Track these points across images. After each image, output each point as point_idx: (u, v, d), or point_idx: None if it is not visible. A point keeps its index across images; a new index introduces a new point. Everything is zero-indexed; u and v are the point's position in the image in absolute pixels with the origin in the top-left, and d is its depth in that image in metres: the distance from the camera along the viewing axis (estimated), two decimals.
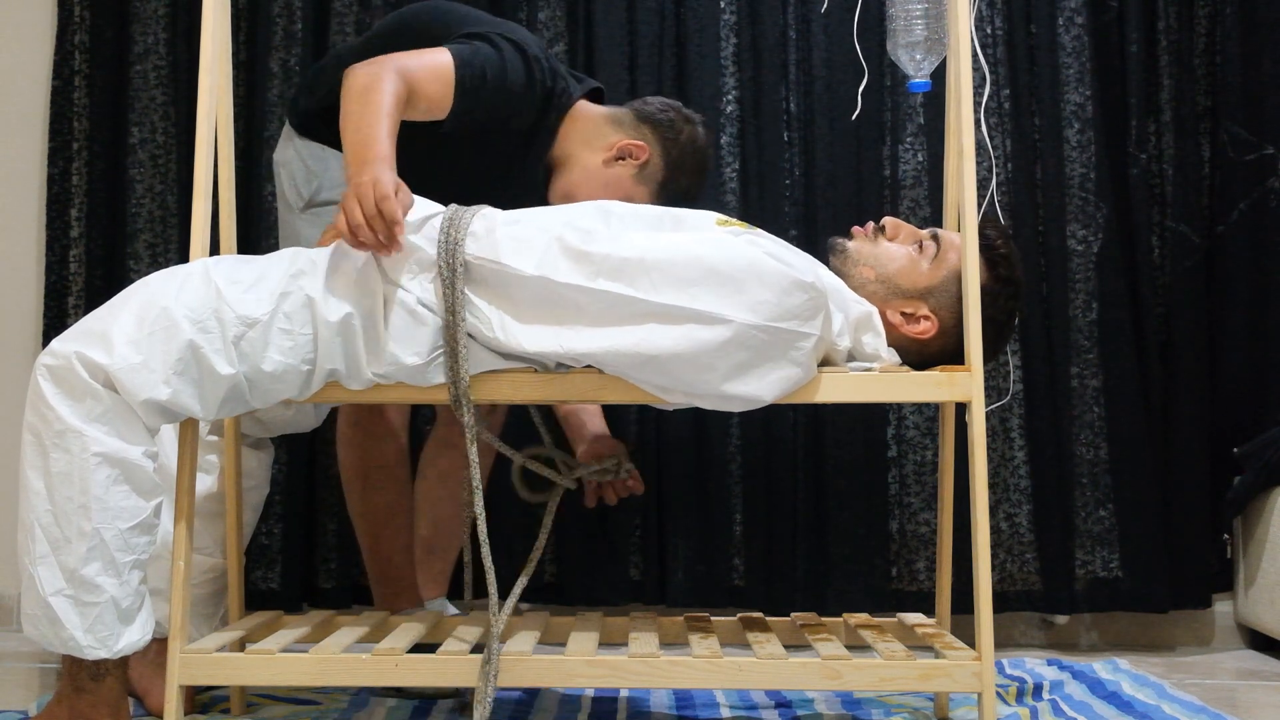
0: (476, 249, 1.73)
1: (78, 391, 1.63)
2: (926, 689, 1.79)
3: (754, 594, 2.61)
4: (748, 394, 1.70)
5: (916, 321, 1.88)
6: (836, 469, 2.61)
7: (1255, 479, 2.55)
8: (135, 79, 2.75)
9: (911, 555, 2.64)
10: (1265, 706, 2.14)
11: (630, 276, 1.69)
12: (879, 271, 1.89)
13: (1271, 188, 2.66)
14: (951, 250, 1.88)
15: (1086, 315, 2.64)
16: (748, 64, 2.69)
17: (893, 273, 1.89)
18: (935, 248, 1.89)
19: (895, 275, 1.89)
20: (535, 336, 1.71)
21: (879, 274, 1.89)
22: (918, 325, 1.88)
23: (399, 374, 1.73)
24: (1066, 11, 2.68)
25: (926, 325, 1.87)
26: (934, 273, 1.88)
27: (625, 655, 1.73)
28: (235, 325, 1.67)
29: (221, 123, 1.89)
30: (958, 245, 1.86)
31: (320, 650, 1.76)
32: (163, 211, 2.74)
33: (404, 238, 1.72)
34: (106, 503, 1.63)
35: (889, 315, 1.88)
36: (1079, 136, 2.67)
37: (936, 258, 1.88)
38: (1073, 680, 2.22)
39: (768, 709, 2.05)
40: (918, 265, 1.89)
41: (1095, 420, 2.62)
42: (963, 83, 1.82)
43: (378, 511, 2.23)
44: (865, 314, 1.84)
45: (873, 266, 1.90)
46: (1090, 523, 2.61)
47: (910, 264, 1.89)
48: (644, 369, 1.69)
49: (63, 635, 1.63)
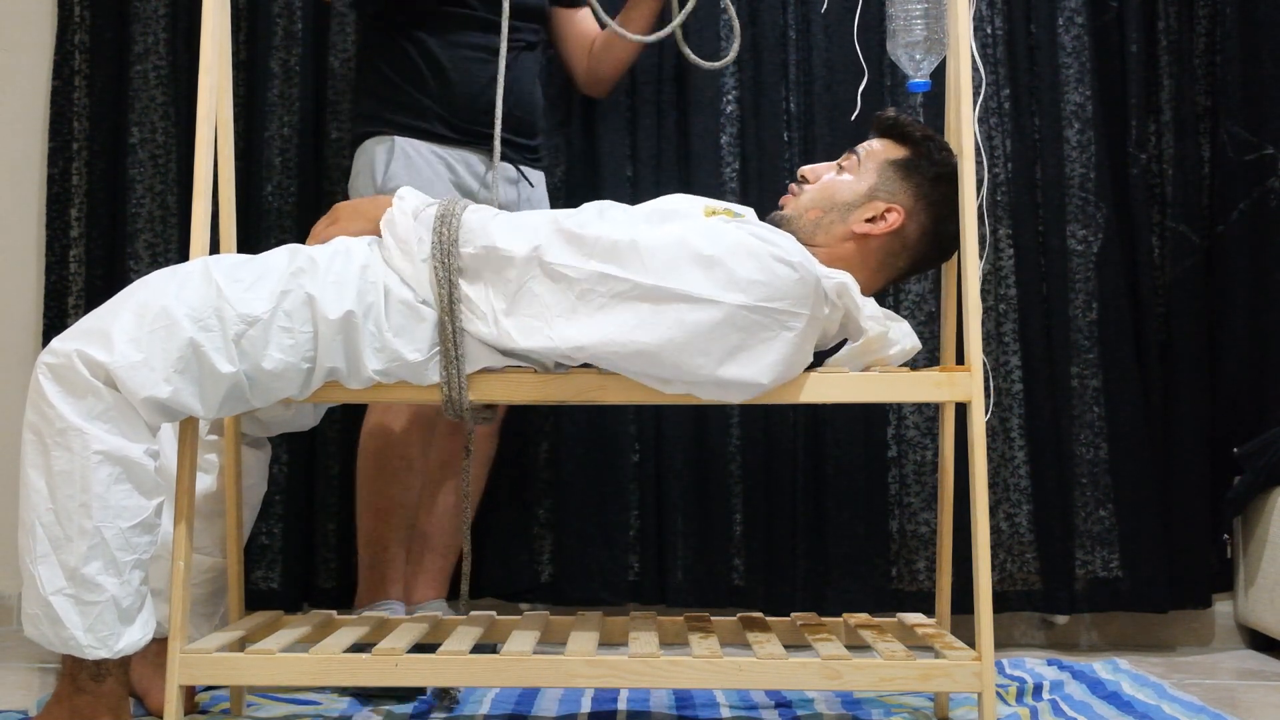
0: (471, 240, 1.74)
1: (79, 389, 1.63)
2: (926, 689, 1.79)
3: (754, 594, 2.61)
4: (744, 378, 1.70)
5: (883, 218, 1.90)
6: (836, 469, 2.61)
7: (1255, 479, 2.55)
8: (135, 79, 2.75)
9: (911, 555, 2.64)
10: (1265, 706, 2.14)
11: (621, 258, 1.70)
12: (822, 206, 1.92)
13: (1271, 188, 2.66)
14: (868, 154, 1.95)
15: (1086, 315, 2.64)
16: (748, 64, 2.69)
17: (833, 196, 1.93)
18: (854, 157, 1.95)
19: (837, 196, 1.92)
20: (526, 330, 1.72)
21: (823, 207, 1.92)
22: (885, 220, 1.90)
23: (400, 371, 1.73)
24: (1066, 11, 2.68)
25: (893, 216, 1.90)
26: (865, 174, 1.93)
27: (625, 655, 1.73)
28: (236, 323, 1.67)
29: (221, 123, 1.89)
30: (871, 143, 1.96)
31: (320, 650, 1.76)
32: (163, 211, 2.74)
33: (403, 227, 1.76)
34: (107, 501, 1.63)
35: (856, 229, 1.90)
36: (1079, 136, 2.67)
37: (860, 163, 1.94)
38: (1073, 680, 2.22)
39: (768, 709, 2.05)
40: (848, 180, 1.94)
41: (1095, 420, 2.62)
42: (962, 83, 1.83)
43: (389, 502, 2.26)
44: (840, 284, 1.82)
45: (815, 207, 1.93)
46: (1090, 523, 2.61)
47: (842, 183, 1.94)
48: (637, 359, 1.70)
49: (63, 635, 1.63)
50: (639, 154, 2.69)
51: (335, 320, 1.70)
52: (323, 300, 1.70)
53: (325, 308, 1.70)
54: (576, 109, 2.70)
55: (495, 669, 1.72)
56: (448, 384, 1.73)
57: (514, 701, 2.07)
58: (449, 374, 1.73)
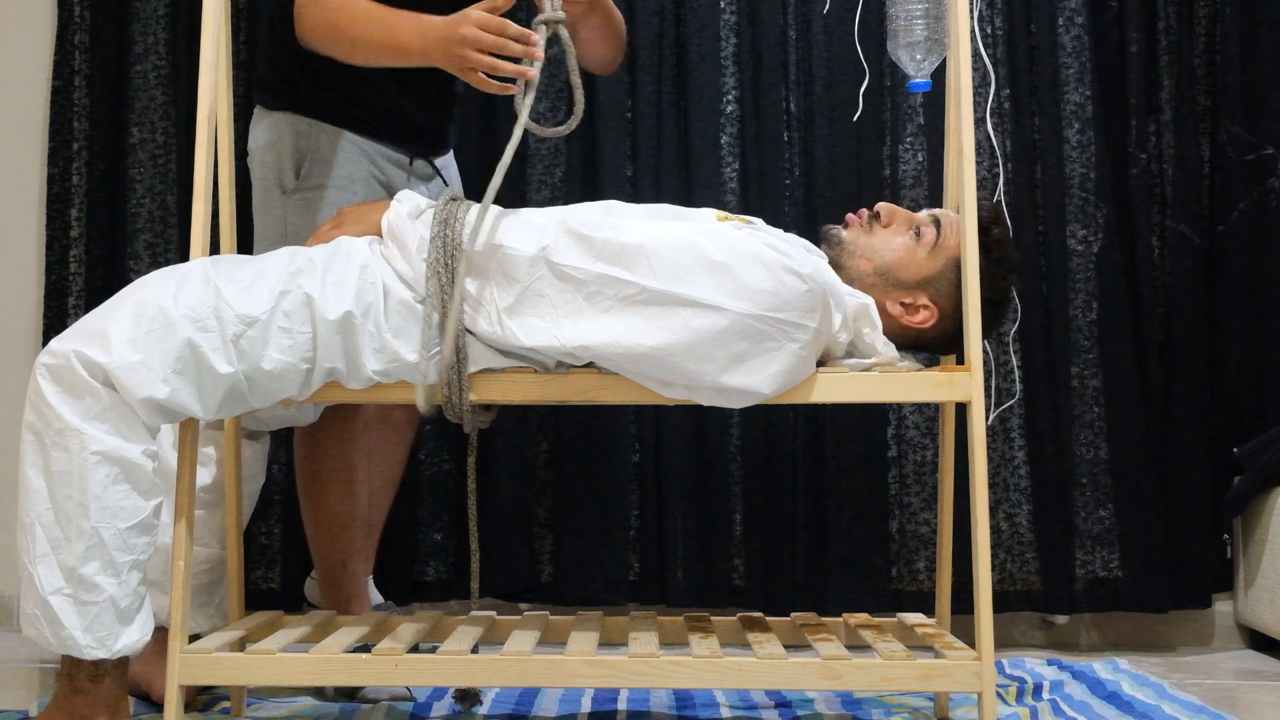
0: (474, 237, 1.73)
1: (77, 390, 1.63)
2: (926, 689, 1.79)
3: (754, 594, 2.61)
4: (746, 386, 1.70)
5: (916, 311, 1.87)
6: (836, 469, 2.61)
7: (1255, 479, 2.55)
8: (135, 79, 2.75)
9: (911, 555, 2.64)
10: (1265, 706, 2.14)
11: (630, 261, 1.69)
12: (876, 264, 1.87)
13: (1271, 188, 2.66)
14: (950, 235, 1.86)
15: (1086, 315, 2.64)
16: (748, 64, 2.69)
17: (890, 264, 1.87)
18: (935, 234, 1.87)
19: (893, 267, 1.87)
20: (531, 330, 1.71)
21: (876, 266, 1.87)
22: (917, 315, 1.87)
23: (399, 371, 1.73)
24: (1066, 11, 2.68)
25: (926, 315, 1.87)
26: (932, 261, 1.86)
27: (625, 655, 1.73)
28: (234, 324, 1.67)
29: (221, 123, 1.89)
30: (956, 228, 1.85)
31: (320, 650, 1.76)
32: (163, 211, 2.74)
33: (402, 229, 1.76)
34: (105, 501, 1.62)
35: (888, 306, 1.86)
36: (1079, 136, 2.67)
37: (936, 245, 1.86)
38: (1073, 680, 2.22)
39: (768, 709, 2.05)
40: (915, 255, 1.87)
41: (1095, 420, 2.62)
42: (963, 83, 1.82)
43: (336, 516, 2.19)
44: (862, 306, 1.82)
45: (869, 259, 1.88)
46: (1090, 523, 2.61)
47: (908, 254, 1.87)
48: (641, 361, 1.69)
49: (61, 635, 1.63)
50: (639, 154, 2.69)
51: (334, 321, 1.70)
52: (321, 301, 1.70)
53: (324, 308, 1.70)
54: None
55: (495, 669, 1.72)
56: (448, 385, 1.73)
57: (514, 701, 2.07)
58: (450, 375, 1.72)
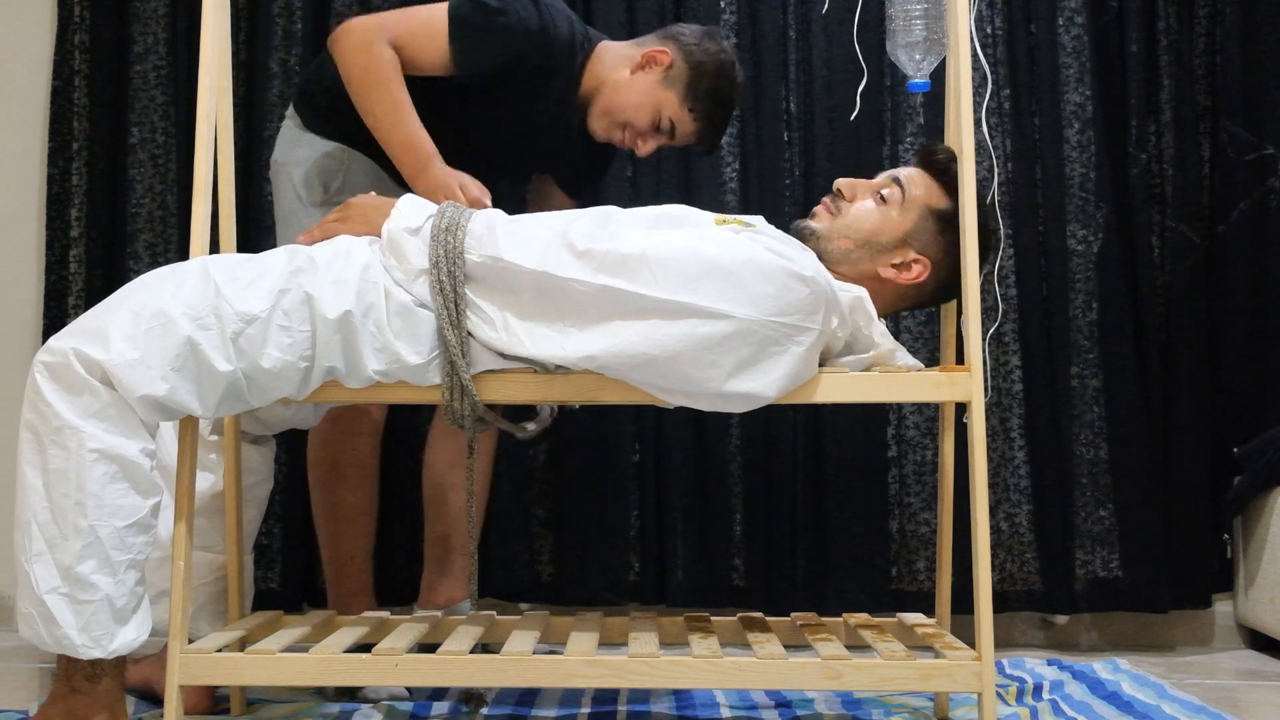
0: (477, 248, 1.73)
1: (75, 387, 1.62)
2: (926, 689, 1.79)
3: (754, 594, 2.61)
4: (751, 391, 1.70)
5: (909, 268, 1.90)
6: (836, 469, 2.61)
7: (1255, 479, 2.55)
8: (135, 79, 2.75)
9: (911, 555, 2.64)
10: (1265, 706, 2.14)
11: (632, 272, 1.69)
12: (855, 238, 1.90)
13: (1271, 188, 2.66)
14: (914, 186, 1.91)
15: (1086, 315, 2.64)
16: (748, 64, 2.69)
17: (869, 232, 1.90)
18: (899, 191, 1.91)
19: (873, 234, 1.90)
20: (537, 338, 1.71)
21: (856, 240, 1.90)
22: (911, 271, 1.90)
23: (400, 372, 1.73)
24: (1066, 11, 2.68)
25: (919, 269, 1.90)
26: (906, 216, 1.90)
27: (625, 655, 1.73)
28: (234, 322, 1.67)
29: (221, 123, 1.89)
30: (917, 179, 1.92)
31: (320, 650, 1.76)
32: (163, 211, 2.74)
33: (401, 241, 1.75)
34: (103, 500, 1.62)
35: (881, 273, 1.89)
36: (1079, 136, 2.67)
37: (904, 201, 1.91)
38: (1073, 680, 2.22)
39: (768, 709, 2.05)
40: (889, 215, 1.91)
41: (1095, 420, 2.62)
42: (963, 83, 1.82)
43: (346, 509, 2.24)
44: (856, 300, 1.83)
45: (848, 236, 1.91)
46: (1090, 523, 2.61)
47: (882, 218, 1.91)
48: (645, 370, 1.69)
49: (57, 634, 1.62)
50: None
51: (333, 320, 1.70)
52: (321, 299, 1.70)
53: (324, 307, 1.70)
54: None
55: (495, 669, 1.72)
56: (449, 391, 1.72)
57: (514, 701, 2.07)
58: (451, 381, 1.72)
